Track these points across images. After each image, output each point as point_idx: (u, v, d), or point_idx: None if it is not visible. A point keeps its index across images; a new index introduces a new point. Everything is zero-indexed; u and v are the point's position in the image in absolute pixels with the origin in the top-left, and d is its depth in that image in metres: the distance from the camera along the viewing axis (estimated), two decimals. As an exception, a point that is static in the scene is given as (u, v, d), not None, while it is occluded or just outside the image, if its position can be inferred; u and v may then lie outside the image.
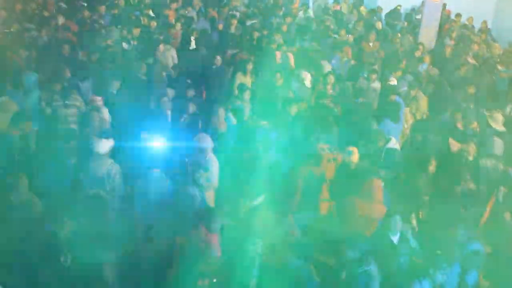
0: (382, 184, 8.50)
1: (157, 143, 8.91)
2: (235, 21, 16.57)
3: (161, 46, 13.40)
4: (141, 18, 15.69)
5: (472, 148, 10.02)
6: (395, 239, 7.58)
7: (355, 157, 8.82)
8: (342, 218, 8.29)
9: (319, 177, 8.96)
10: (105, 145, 8.26)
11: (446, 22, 19.17)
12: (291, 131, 10.28)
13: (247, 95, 11.21)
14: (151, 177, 8.13)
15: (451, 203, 8.56)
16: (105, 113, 9.99)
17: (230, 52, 14.12)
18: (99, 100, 10.16)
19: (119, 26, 14.60)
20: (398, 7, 21.31)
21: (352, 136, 10.48)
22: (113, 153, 8.43)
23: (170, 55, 13.56)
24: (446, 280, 6.71)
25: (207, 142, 8.88)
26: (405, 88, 12.74)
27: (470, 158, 10.04)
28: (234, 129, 10.17)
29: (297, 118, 10.72)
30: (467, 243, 7.45)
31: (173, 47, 13.89)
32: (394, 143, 9.98)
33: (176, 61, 13.47)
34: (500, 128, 10.97)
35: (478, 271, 7.39)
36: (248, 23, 16.68)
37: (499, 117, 11.15)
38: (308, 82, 12.42)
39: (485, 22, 20.16)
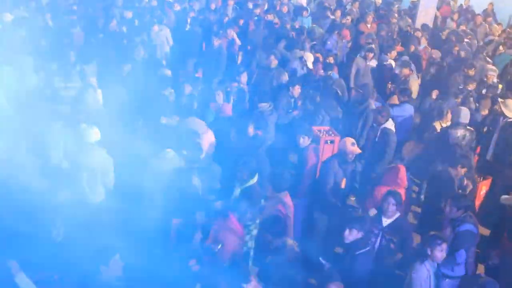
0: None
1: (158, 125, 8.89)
2: (232, 2, 16.57)
3: (156, 27, 13.28)
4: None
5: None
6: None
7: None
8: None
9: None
10: (96, 134, 7.99)
11: (444, 4, 19.09)
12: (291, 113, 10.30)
13: (244, 77, 11.15)
14: (165, 157, 7.99)
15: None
16: (99, 93, 9.85)
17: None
18: (93, 81, 10.03)
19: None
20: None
21: (352, 117, 10.51)
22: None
23: (164, 35, 13.47)
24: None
25: (200, 125, 8.84)
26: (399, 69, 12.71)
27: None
28: (233, 111, 10.10)
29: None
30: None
31: (167, 27, 13.79)
32: (391, 124, 9.96)
33: (171, 41, 13.34)
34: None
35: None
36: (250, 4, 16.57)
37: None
38: (310, 64, 12.36)
39: (491, 4, 20.09)
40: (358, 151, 8.46)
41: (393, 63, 13.14)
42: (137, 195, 7.61)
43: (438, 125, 10.42)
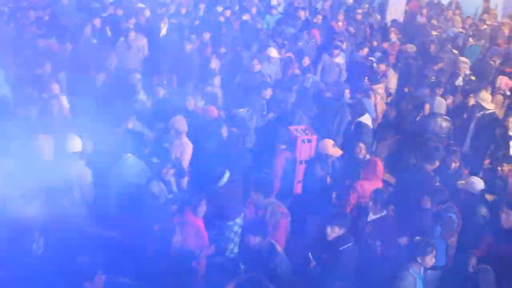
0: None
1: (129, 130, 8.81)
2: (203, 6, 16.55)
3: (132, 34, 13.19)
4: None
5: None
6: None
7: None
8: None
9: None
10: (77, 144, 7.90)
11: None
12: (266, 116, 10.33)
13: (217, 80, 11.10)
14: (125, 163, 7.94)
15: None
16: (64, 101, 9.70)
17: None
18: (56, 89, 9.92)
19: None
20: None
21: (328, 115, 10.53)
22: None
23: (140, 43, 13.37)
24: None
25: (183, 125, 8.81)
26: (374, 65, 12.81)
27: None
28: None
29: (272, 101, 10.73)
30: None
31: (143, 34, 13.71)
32: (366, 118, 9.97)
33: (146, 48, 13.28)
34: (489, 106, 10.83)
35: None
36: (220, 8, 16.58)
37: (487, 96, 11.07)
38: (275, 53, 12.44)
39: None
40: (339, 152, 8.48)
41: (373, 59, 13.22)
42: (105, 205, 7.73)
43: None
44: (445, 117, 10.15)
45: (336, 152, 8.45)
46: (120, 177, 7.80)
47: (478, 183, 8.07)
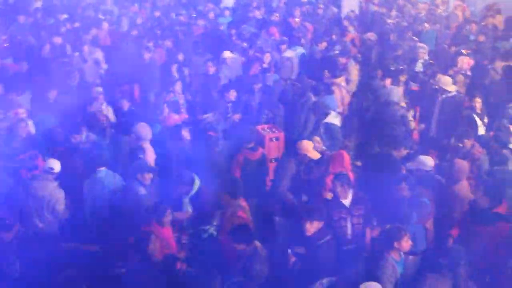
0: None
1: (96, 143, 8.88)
2: (158, 13, 16.48)
3: (86, 48, 13.04)
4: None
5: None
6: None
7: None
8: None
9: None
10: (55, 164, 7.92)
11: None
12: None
13: (178, 86, 11.07)
14: (98, 176, 7.95)
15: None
16: (30, 125, 9.57)
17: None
18: (22, 113, 9.79)
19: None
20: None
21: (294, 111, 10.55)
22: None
23: (95, 56, 13.24)
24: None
25: (146, 131, 8.81)
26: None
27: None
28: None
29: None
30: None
31: (99, 47, 13.56)
32: (334, 117, 10.01)
33: (103, 64, 13.14)
34: (451, 88, 10.95)
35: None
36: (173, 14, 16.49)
37: (447, 79, 11.20)
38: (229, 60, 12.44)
39: None
40: (318, 155, 8.50)
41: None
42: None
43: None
44: (399, 104, 10.28)
45: (316, 155, 8.47)
46: (95, 191, 7.87)
47: (428, 160, 8.29)
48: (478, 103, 10.55)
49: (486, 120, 10.55)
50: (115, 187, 7.94)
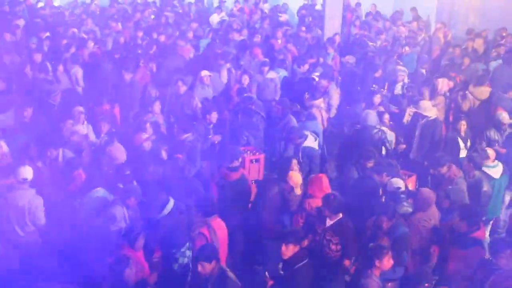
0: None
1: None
2: (140, 33, 16.46)
3: (60, 67, 12.99)
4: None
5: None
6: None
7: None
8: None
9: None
10: (27, 172, 7.94)
11: (347, 11, 19.57)
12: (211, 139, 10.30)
13: (157, 106, 11.09)
14: (95, 195, 8.01)
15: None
16: (3, 145, 9.49)
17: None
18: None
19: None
20: (305, 1, 21.88)
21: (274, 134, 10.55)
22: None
23: (73, 73, 13.17)
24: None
25: (121, 153, 8.88)
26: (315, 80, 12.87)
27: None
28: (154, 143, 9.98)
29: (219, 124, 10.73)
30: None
31: (78, 66, 13.51)
32: (312, 141, 10.02)
33: (81, 82, 13.09)
34: (431, 113, 11.05)
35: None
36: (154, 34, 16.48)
37: (427, 103, 11.28)
38: (206, 80, 12.39)
39: (374, 4, 20.96)
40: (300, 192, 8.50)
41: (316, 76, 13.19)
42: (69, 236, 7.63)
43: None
44: (377, 128, 10.35)
45: (299, 191, 8.46)
46: (89, 209, 7.92)
47: (396, 182, 8.37)
48: (463, 125, 10.67)
49: (469, 143, 10.67)
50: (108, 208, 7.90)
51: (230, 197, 8.51)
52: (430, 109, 10.97)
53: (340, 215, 7.49)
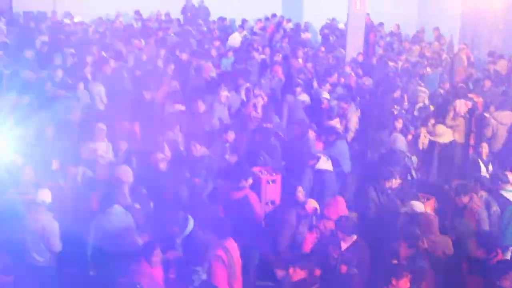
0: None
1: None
2: (163, 51, 16.57)
3: (81, 84, 13.09)
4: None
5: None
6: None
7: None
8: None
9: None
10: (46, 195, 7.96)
11: (370, 31, 19.58)
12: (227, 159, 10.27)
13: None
14: (112, 212, 7.96)
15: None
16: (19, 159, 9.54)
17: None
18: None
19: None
20: (328, 21, 21.94)
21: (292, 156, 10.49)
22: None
23: (97, 91, 13.30)
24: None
25: (127, 175, 8.82)
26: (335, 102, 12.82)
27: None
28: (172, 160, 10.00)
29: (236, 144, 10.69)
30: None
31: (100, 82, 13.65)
32: (325, 162, 9.93)
33: (104, 98, 13.21)
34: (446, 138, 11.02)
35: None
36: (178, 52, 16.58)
37: (442, 129, 11.23)
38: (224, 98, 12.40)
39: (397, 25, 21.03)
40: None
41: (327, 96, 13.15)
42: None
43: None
44: (405, 153, 10.26)
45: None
46: (106, 227, 7.85)
47: (418, 206, 8.25)
48: (484, 148, 10.54)
49: (490, 167, 10.53)
50: (126, 225, 7.94)
51: (232, 216, 8.34)
52: (445, 134, 10.88)
53: (355, 236, 7.42)
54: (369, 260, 7.50)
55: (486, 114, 12.23)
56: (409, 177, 10.27)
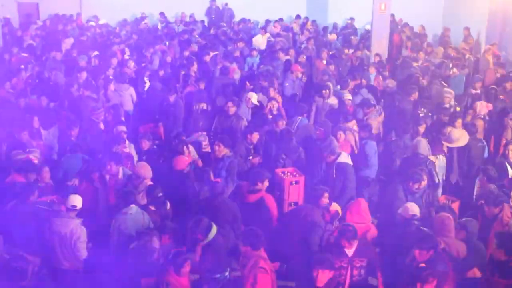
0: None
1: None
2: (187, 53, 16.65)
3: (111, 86, 13.23)
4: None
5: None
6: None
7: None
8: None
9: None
10: (77, 202, 8.02)
11: (394, 31, 19.44)
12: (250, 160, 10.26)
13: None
14: (129, 213, 8.03)
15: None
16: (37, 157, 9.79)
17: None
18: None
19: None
20: (348, 21, 21.87)
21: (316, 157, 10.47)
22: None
23: (128, 94, 13.40)
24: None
25: (146, 171, 8.94)
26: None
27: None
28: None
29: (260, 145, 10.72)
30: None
31: (130, 85, 13.77)
32: (345, 157, 9.87)
33: (134, 99, 13.34)
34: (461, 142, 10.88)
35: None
36: (211, 54, 16.61)
37: (457, 134, 10.99)
38: (255, 100, 12.46)
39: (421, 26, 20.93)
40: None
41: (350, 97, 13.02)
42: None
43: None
44: (427, 158, 10.16)
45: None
46: (123, 228, 7.95)
47: (412, 208, 8.11)
48: (511, 150, 10.39)
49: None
50: (143, 224, 7.98)
51: (247, 219, 8.37)
52: (462, 138, 10.78)
53: (356, 241, 7.34)
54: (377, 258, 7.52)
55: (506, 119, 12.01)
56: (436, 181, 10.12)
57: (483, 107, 12.39)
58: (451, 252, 7.50)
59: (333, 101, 13.08)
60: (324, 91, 13.04)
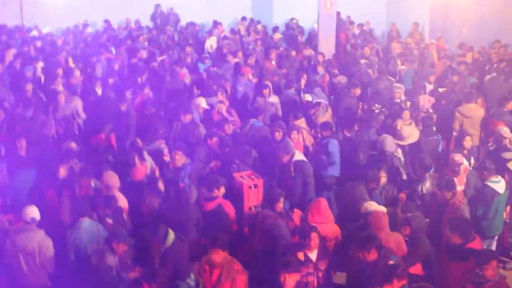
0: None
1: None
2: (135, 59, 16.43)
3: (61, 97, 12.90)
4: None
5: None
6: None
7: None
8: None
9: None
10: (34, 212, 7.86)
11: (341, 30, 19.62)
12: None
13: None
14: (82, 226, 7.86)
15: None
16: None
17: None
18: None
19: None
20: (294, 21, 21.96)
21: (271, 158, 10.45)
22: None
23: (73, 106, 13.07)
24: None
25: (114, 180, 8.81)
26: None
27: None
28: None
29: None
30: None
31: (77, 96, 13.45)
32: (299, 155, 9.95)
33: (81, 114, 13.00)
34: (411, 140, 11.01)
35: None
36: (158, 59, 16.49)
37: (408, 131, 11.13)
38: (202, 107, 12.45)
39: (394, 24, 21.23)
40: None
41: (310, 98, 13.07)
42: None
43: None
44: (394, 155, 10.26)
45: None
46: (77, 241, 7.80)
47: (370, 206, 8.22)
48: (467, 142, 10.57)
49: (473, 161, 10.52)
50: (98, 237, 7.83)
51: (207, 227, 8.33)
52: (412, 134, 10.94)
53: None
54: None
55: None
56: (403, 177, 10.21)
57: (426, 101, 12.59)
58: (391, 247, 7.51)
59: (274, 99, 13.15)
60: (264, 90, 13.09)
